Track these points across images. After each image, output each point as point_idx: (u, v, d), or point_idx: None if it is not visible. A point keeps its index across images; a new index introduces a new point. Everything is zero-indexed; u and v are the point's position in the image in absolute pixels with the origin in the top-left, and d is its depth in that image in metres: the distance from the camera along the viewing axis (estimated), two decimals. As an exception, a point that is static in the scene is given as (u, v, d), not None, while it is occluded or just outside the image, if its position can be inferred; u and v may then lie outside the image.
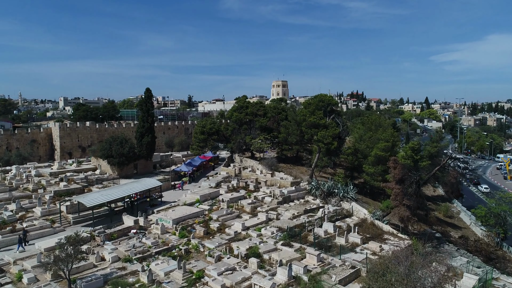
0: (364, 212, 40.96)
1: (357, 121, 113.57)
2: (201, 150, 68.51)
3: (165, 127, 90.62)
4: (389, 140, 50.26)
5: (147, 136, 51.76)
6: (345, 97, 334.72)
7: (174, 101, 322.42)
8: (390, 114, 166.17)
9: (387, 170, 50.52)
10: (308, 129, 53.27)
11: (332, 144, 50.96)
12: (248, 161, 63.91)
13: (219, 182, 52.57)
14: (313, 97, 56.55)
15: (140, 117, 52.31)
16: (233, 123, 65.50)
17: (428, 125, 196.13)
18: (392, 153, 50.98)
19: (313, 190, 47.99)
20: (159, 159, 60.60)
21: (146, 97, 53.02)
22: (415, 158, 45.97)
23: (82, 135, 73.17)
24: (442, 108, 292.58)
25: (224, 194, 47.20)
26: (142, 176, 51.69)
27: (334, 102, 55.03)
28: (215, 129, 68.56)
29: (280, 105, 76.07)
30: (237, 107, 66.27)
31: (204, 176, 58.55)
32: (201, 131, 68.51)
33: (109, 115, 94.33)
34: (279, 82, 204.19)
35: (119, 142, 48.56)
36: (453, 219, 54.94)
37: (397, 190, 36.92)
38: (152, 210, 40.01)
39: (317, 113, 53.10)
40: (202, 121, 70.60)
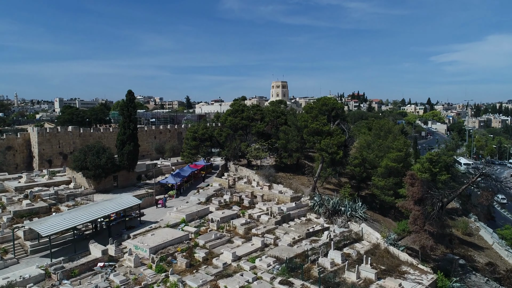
0: (376, 236, 35.02)
1: (360, 124, 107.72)
2: (192, 157, 62.63)
3: (156, 131, 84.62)
4: (402, 149, 44.38)
5: (128, 145, 45.86)
6: (346, 98, 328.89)
7: (171, 102, 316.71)
8: (394, 116, 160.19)
9: (400, 183, 44.73)
10: (310, 136, 47.42)
11: (337, 153, 45.12)
12: (243, 170, 58.00)
13: (209, 197, 46.65)
14: (315, 100, 50.68)
15: (121, 123, 46.47)
16: (227, 129, 59.58)
17: (432, 127, 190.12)
18: (405, 164, 45.14)
19: (316, 207, 42.09)
20: (145, 169, 54.68)
21: (127, 100, 47.12)
22: (433, 171, 40.20)
23: (64, 141, 67.23)
24: (445, 109, 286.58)
25: (214, 211, 41.29)
26: (122, 190, 45.78)
27: (339, 105, 49.18)
28: (207, 135, 62.72)
29: (279, 108, 70.19)
30: (232, 111, 60.38)
31: (194, 188, 52.61)
32: (193, 136, 62.67)
33: (97, 118, 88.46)
34: (278, 83, 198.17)
35: (95, 152, 42.65)
36: (472, 237, 49.03)
37: (416, 212, 31.00)
38: (128, 234, 34.06)
39: (320, 118, 47.25)
40: (194, 126, 64.71)
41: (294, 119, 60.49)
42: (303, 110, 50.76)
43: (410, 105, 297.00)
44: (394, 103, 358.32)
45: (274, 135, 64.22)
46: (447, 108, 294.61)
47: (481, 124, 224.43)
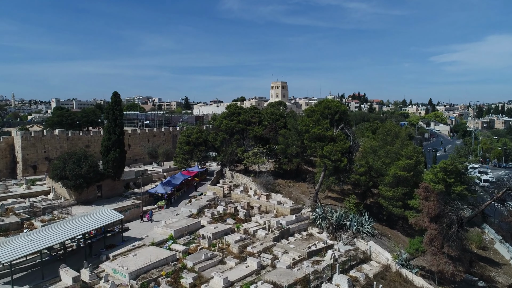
0: (386, 257, 31.24)
1: (363, 126, 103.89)
2: (185, 163, 58.86)
3: (149, 134, 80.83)
4: (412, 157, 40.61)
5: (114, 151, 42.05)
6: (347, 99, 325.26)
7: (170, 103, 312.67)
8: (396, 118, 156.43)
9: (409, 193, 41.02)
10: (312, 142, 43.62)
11: (341, 161, 41.33)
12: (240, 177, 54.20)
13: (202, 208, 42.87)
14: (317, 103, 46.92)
15: (105, 127, 42.71)
16: (222, 133, 55.80)
17: (435, 129, 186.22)
18: (415, 173, 41.34)
19: (318, 221, 38.31)
20: (133, 176, 50.86)
21: (113, 102, 43.32)
22: (448, 181, 36.47)
23: (50, 145, 63.42)
24: (447, 110, 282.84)
25: (206, 226, 37.50)
26: (107, 201, 41.98)
27: (342, 108, 45.42)
28: (202, 139, 58.91)
29: (278, 111, 66.46)
30: (228, 114, 56.60)
31: (187, 197, 48.81)
32: (186, 141, 58.88)
33: (89, 120, 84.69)
34: (278, 83, 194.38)
35: (75, 160, 38.84)
36: (487, 251, 45.26)
37: (433, 231, 27.24)
38: (107, 255, 30.25)
39: (323, 122, 43.48)
40: (188, 129, 60.90)
41: (294, 122, 56.67)
42: (304, 114, 46.99)
43: (411, 105, 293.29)
44: (395, 103, 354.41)
45: (273, 139, 60.49)
46: (449, 109, 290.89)
47: (484, 126, 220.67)
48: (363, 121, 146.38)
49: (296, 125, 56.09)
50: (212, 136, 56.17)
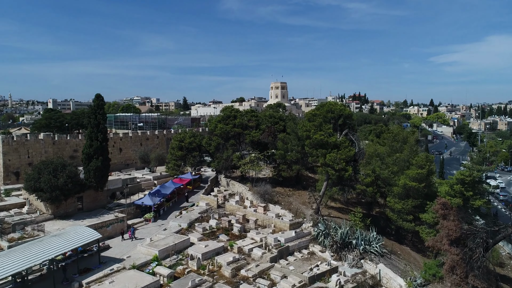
0: (399, 283, 27.41)
1: (365, 128, 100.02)
2: (178, 169, 55.08)
3: (142, 138, 76.97)
4: (424, 166, 36.80)
5: (96, 160, 38.20)
6: (347, 99, 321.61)
7: (168, 104, 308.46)
8: (398, 119, 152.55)
9: (421, 205, 37.26)
10: (313, 149, 39.87)
11: (346, 170, 37.58)
12: (236, 185, 50.41)
13: (193, 221, 39.06)
14: (319, 106, 43.14)
15: (87, 133, 38.88)
16: (217, 137, 51.97)
17: (438, 130, 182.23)
18: (427, 184, 37.54)
19: (321, 237, 34.49)
20: (120, 185, 47.00)
21: (95, 106, 39.46)
22: (466, 195, 32.69)
23: (34, 150, 59.57)
24: (448, 111, 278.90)
25: (196, 243, 33.71)
26: (88, 214, 38.11)
27: (346, 112, 41.61)
28: (195, 144, 55.12)
29: (277, 113, 62.66)
30: (223, 117, 52.77)
31: (177, 208, 45.01)
32: (179, 146, 55.08)
33: (79, 123, 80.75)
34: (277, 84, 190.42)
35: (51, 170, 34.99)
36: (505, 268, 41.48)
37: (455, 257, 23.44)
38: (79, 282, 26.42)
39: (325, 127, 39.70)
40: (180, 134, 57.06)
41: (293, 126, 52.96)
42: (305, 118, 43.13)
43: (413, 106, 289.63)
44: (396, 104, 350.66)
45: (271, 144, 56.71)
46: (450, 109, 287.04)
47: (487, 127, 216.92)
48: (365, 123, 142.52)
49: (296, 129, 52.38)
50: (206, 141, 52.36)
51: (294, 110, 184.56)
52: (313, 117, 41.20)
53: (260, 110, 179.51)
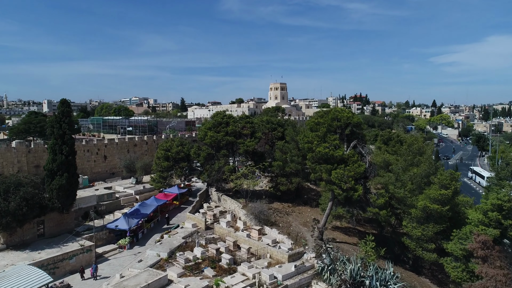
0: None
1: (369, 133, 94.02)
2: (164, 182, 49.24)
3: (129, 144, 71.06)
4: (449, 185, 30.88)
5: (60, 177, 32.31)
6: (348, 100, 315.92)
7: (165, 105, 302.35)
8: (402, 122, 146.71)
9: (445, 231, 31.40)
10: (316, 164, 33.97)
11: (355, 190, 31.68)
12: (228, 201, 44.53)
13: (174, 249, 33.13)
14: (323, 112, 37.21)
15: (50, 145, 32.99)
16: (206, 147, 46.04)
17: (443, 133, 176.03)
18: (452, 206, 31.59)
19: (326, 274, 28.57)
20: (94, 202, 41.11)
21: (60, 113, 33.51)
22: (504, 224, 26.84)
23: (5, 160, 53.65)
24: (452, 112, 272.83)
25: (175, 281, 27.78)
26: (49, 242, 32.17)
27: (355, 120, 35.66)
28: (184, 153, 49.25)
29: (275, 118, 56.75)
30: (214, 124, 46.85)
31: (159, 230, 39.09)
32: (165, 156, 49.25)
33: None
34: (277, 85, 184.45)
35: (2, 191, 29.09)
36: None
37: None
38: None
39: (330, 138, 33.78)
40: (167, 142, 51.15)
41: (293, 134, 47.16)
42: (307, 126, 37.18)
43: (415, 107, 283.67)
44: (398, 105, 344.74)
45: (269, 154, 50.83)
46: (454, 111, 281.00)
47: (492, 129, 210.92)
48: (368, 126, 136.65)
49: (295, 136, 46.58)
50: (195, 150, 46.41)
51: (294, 112, 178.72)
52: (316, 126, 35.24)
53: (259, 112, 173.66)
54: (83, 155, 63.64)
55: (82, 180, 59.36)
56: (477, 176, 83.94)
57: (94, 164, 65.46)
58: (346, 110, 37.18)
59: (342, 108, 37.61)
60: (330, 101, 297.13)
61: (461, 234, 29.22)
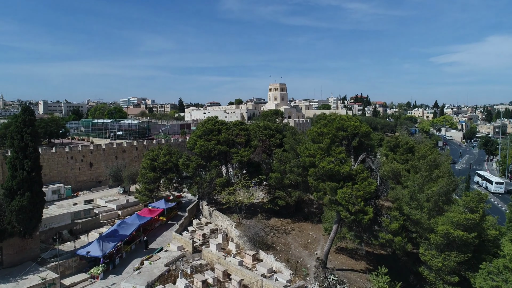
0: None
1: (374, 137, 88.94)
2: (150, 195, 44.63)
3: (118, 150, 66.37)
4: (476, 208, 26.25)
5: (20, 197, 27.68)
6: (349, 101, 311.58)
7: (163, 105, 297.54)
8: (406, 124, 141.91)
9: (469, 261, 26.78)
10: (319, 181, 29.36)
11: (365, 213, 27.03)
12: (220, 218, 39.88)
13: (154, 281, 28.48)
14: (326, 121, 32.50)
15: (8, 160, 28.36)
16: (196, 158, 41.36)
17: (447, 135, 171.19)
18: (479, 233, 26.94)
19: (332, 316, 23.90)
20: (68, 221, 36.42)
21: (21, 122, 28.83)
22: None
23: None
24: (455, 113, 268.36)
25: (150, 326, 23.10)
26: (6, 274, 27.49)
27: (363, 130, 31.02)
28: (172, 163, 44.61)
29: (274, 124, 52.08)
30: (204, 132, 42.18)
31: (140, 254, 34.36)
32: (151, 166, 44.63)
33: (46, 132, 70.16)
34: (276, 86, 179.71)
35: None
36: None
37: None
38: None
39: (335, 151, 29.14)
40: (153, 150, 46.50)
41: (293, 142, 42.59)
42: (308, 137, 32.56)
43: (417, 108, 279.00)
44: (399, 106, 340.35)
45: (266, 164, 46.27)
46: (456, 112, 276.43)
47: (496, 130, 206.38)
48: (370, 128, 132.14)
49: (295, 144, 42.03)
50: (183, 161, 41.73)
51: (294, 113, 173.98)
52: (319, 137, 30.57)
53: (257, 114, 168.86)
54: (66, 163, 59.05)
55: (65, 190, 54.90)
56: (484, 181, 79.40)
57: (79, 172, 60.81)
58: (353, 118, 32.52)
59: (349, 116, 32.94)
60: (330, 102, 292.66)
61: (492, 268, 24.59)
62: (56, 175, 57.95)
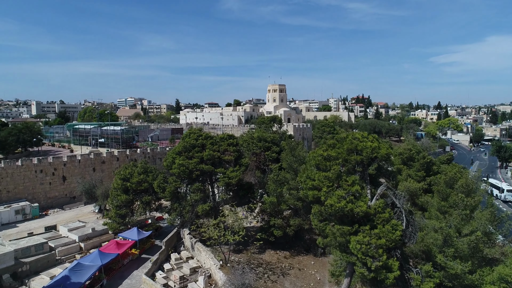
0: None
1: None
2: (122, 221, 37.48)
3: (96, 161, 59.11)
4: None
5: None
6: (350, 102, 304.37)
7: (159, 106, 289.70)
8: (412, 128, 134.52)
9: None
10: (326, 223, 22.20)
11: (389, 269, 19.88)
12: (203, 253, 32.71)
13: None
14: (335, 140, 25.32)
15: None
16: (175, 179, 34.13)
17: (454, 139, 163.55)
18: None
19: None
20: (11, 262, 29.16)
21: None
22: None
23: None
24: (459, 114, 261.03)
25: None
26: None
27: (382, 153, 23.92)
28: (147, 184, 37.45)
29: (269, 135, 44.86)
30: (185, 147, 34.93)
31: (100, 305, 27.17)
32: (123, 187, 37.49)
33: (19, 139, 62.94)
34: (275, 86, 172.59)
35: None
36: None
37: None
38: None
39: (346, 181, 22.02)
40: (127, 168, 39.28)
41: (292, 159, 35.60)
42: (311, 161, 25.30)
43: (420, 109, 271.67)
44: (401, 107, 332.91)
45: (260, 183, 39.17)
46: (461, 113, 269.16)
47: (502, 133, 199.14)
48: (374, 132, 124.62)
49: (294, 163, 35.17)
50: (159, 183, 34.53)
51: (294, 116, 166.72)
52: (325, 163, 23.41)
53: (256, 116, 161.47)
54: (34, 177, 51.93)
55: (31, 209, 47.78)
56: (492, 188, 72.32)
57: (50, 188, 53.67)
58: (369, 137, 25.33)
59: (363, 134, 25.67)
60: (331, 103, 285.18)
61: None
62: (22, 192, 50.83)
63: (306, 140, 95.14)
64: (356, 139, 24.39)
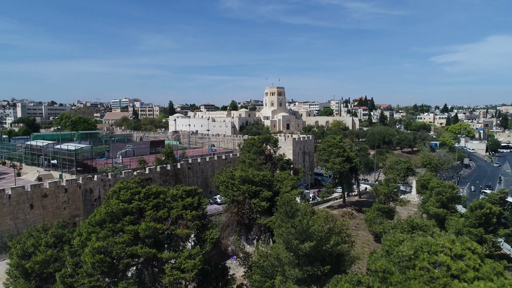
0: None
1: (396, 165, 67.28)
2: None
3: (34, 194, 44.88)
4: None
5: None
6: (352, 104, 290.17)
7: (152, 108, 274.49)
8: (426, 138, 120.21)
9: None
10: None
11: None
12: None
13: None
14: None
15: None
16: (92, 268, 20.00)
17: (469, 147, 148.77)
18: None
19: None
20: None
21: None
22: None
23: None
24: (467, 118, 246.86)
25: None
26: None
27: None
28: (58, 264, 23.30)
29: (258, 174, 30.72)
30: (108, 215, 20.65)
31: None
32: (23, 269, 23.38)
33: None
34: (273, 89, 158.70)
35: None
36: None
37: None
38: None
39: None
40: (30, 235, 25.12)
41: (290, 210, 21.61)
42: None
43: (427, 113, 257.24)
44: (405, 109, 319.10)
45: (243, 259, 25.34)
46: (469, 116, 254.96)
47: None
48: (384, 143, 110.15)
49: (293, 220, 21.50)
50: (63, 274, 20.37)
51: (293, 121, 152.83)
52: None
53: (252, 122, 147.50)
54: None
55: None
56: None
57: (-37, 234, 39.61)
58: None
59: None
60: (332, 105, 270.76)
61: None
62: None
63: (308, 155, 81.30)
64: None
